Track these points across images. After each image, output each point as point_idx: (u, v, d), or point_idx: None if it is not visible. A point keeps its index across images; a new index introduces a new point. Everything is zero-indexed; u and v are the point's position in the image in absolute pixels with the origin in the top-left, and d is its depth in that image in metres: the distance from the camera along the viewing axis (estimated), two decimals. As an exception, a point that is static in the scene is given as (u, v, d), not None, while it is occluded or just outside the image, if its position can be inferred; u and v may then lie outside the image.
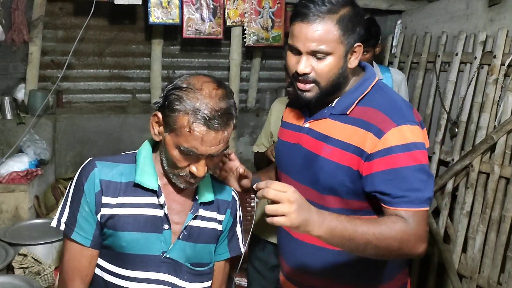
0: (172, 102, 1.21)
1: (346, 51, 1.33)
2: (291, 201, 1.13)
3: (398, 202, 1.28)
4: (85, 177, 1.29)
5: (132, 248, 1.30)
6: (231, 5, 3.31)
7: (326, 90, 1.37)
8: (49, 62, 3.49)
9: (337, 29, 1.30)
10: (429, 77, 3.41)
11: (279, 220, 1.13)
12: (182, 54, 3.81)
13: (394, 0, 3.70)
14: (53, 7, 3.39)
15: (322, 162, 1.39)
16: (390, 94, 1.43)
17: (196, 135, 1.18)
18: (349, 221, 1.22)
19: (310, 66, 1.33)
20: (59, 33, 3.46)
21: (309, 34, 1.30)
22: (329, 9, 1.29)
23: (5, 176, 2.77)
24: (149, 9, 3.10)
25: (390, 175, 1.29)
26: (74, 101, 3.67)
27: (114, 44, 3.61)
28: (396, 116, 1.32)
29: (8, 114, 3.19)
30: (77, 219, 1.29)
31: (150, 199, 1.32)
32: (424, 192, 1.29)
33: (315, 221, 1.16)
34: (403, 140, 1.29)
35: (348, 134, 1.36)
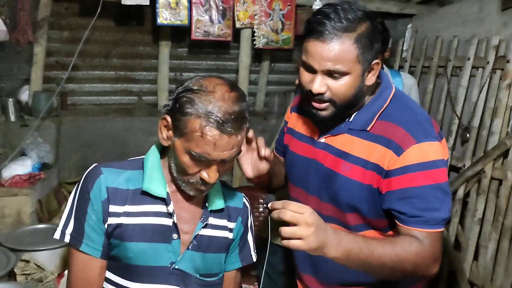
0: (183, 105, 1.14)
1: (363, 70, 1.27)
2: (309, 224, 1.08)
3: (413, 222, 1.25)
4: (90, 184, 1.23)
5: (140, 259, 1.24)
6: (240, 7, 3.25)
7: (342, 109, 1.30)
8: (54, 63, 3.44)
9: (355, 48, 1.22)
10: (440, 82, 3.36)
11: (296, 244, 1.09)
12: (190, 56, 3.76)
13: (405, 4, 3.65)
14: (59, 7, 3.35)
15: (342, 181, 1.34)
16: (410, 105, 1.37)
17: (209, 139, 1.12)
18: (365, 242, 1.19)
19: (325, 86, 1.26)
20: (64, 33, 3.42)
21: (325, 53, 1.22)
22: (347, 26, 1.21)
23: (8, 180, 2.71)
24: (157, 10, 3.05)
25: (406, 193, 1.25)
26: (79, 103, 3.61)
27: (121, 45, 3.56)
28: (416, 131, 1.27)
29: (12, 116, 3.13)
30: (85, 230, 1.22)
31: (158, 207, 1.26)
32: (440, 212, 1.25)
33: (332, 243, 1.13)
34: (422, 158, 1.25)
35: (368, 151, 1.31)
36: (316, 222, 1.10)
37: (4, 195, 2.65)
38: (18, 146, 2.96)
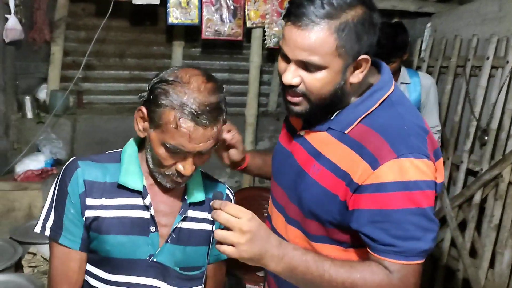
0: (157, 96, 1.12)
1: (345, 65, 1.08)
2: (243, 231, 1.00)
3: (384, 251, 1.06)
4: (68, 177, 1.22)
5: (118, 252, 1.23)
6: (251, 6, 3.24)
7: (318, 106, 1.13)
8: (71, 63, 3.51)
9: (335, 39, 1.03)
10: (458, 82, 3.25)
11: (226, 250, 1.01)
12: (203, 56, 3.78)
13: (423, 2, 3.56)
14: (76, 7, 3.42)
15: (308, 182, 1.18)
16: (401, 113, 1.15)
17: (183, 131, 1.10)
18: (316, 261, 1.06)
19: (298, 77, 1.10)
20: (81, 33, 3.49)
21: (299, 40, 1.05)
22: (328, 12, 1.02)
23: (21, 174, 2.79)
24: (168, 10, 3.08)
25: (379, 216, 1.06)
26: (95, 102, 3.68)
27: (135, 45, 3.61)
28: (399, 144, 1.07)
29: (29, 113, 3.23)
30: (63, 222, 1.22)
31: (135, 200, 1.25)
32: (420, 242, 1.06)
33: (273, 256, 1.03)
34: (401, 177, 1.04)
35: (341, 155, 1.13)
36: (253, 230, 1.00)
37: (16, 189, 2.72)
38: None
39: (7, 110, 2.96)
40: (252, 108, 3.57)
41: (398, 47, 2.56)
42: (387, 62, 2.54)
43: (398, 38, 2.56)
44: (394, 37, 2.52)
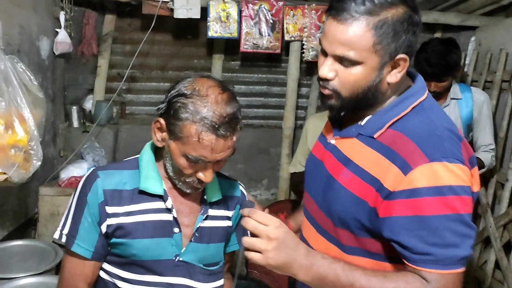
0: (177, 110, 1.16)
1: (382, 63, 1.07)
2: (270, 238, 1.00)
3: (420, 260, 1.02)
4: (88, 187, 1.26)
5: (144, 254, 1.27)
6: (290, 20, 3.28)
7: (349, 103, 1.13)
8: (116, 75, 3.65)
9: (373, 35, 1.04)
10: (503, 97, 3.15)
11: (254, 257, 1.01)
12: (242, 69, 3.84)
13: (467, 15, 3.47)
14: (122, 22, 3.57)
15: (337, 189, 1.16)
16: (434, 118, 1.12)
17: (206, 144, 1.14)
18: (345, 270, 1.04)
19: (333, 72, 1.10)
20: (126, 47, 3.62)
21: (337, 35, 1.06)
22: (368, 9, 1.03)
23: (65, 181, 2.91)
24: (208, 23, 3.15)
25: (413, 223, 1.02)
26: (136, 112, 3.80)
27: (177, 58, 3.71)
28: (432, 148, 1.04)
29: (75, 123, 3.37)
30: (79, 230, 1.26)
31: (157, 204, 1.29)
32: (459, 249, 1.01)
33: (302, 265, 1.02)
34: (435, 182, 1.01)
35: (369, 160, 1.11)
36: (280, 237, 1.00)
37: (60, 195, 2.84)
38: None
39: (55, 119, 3.10)
40: (289, 120, 3.57)
41: (450, 66, 2.44)
42: (438, 81, 2.50)
43: (450, 56, 2.43)
44: (445, 56, 2.41)
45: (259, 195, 3.97)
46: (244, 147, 3.82)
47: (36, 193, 2.80)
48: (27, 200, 2.68)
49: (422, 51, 2.46)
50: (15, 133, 1.86)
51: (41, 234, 2.83)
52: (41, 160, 1.97)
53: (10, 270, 2.18)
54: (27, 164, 1.92)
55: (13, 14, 2.31)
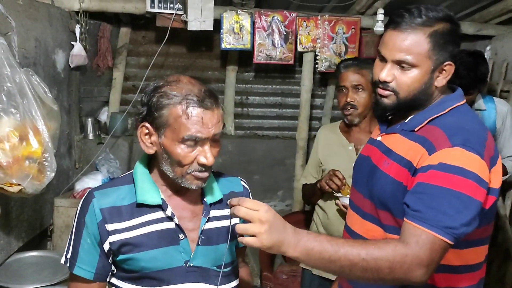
0: (158, 101, 1.19)
1: (434, 67, 1.29)
2: (262, 221, 1.08)
3: (413, 215, 1.17)
4: (85, 209, 1.26)
5: (154, 265, 1.27)
6: (303, 31, 3.28)
7: (404, 102, 1.33)
8: (131, 87, 3.70)
9: (428, 42, 1.26)
10: (521, 106, 3.08)
11: (249, 241, 1.10)
12: (256, 80, 3.85)
13: (482, 25, 3.43)
14: (137, 35, 3.62)
15: (379, 175, 1.36)
16: (467, 118, 1.32)
17: (195, 119, 1.17)
18: (329, 241, 1.14)
19: (392, 75, 1.31)
20: (141, 59, 3.67)
21: (398, 42, 1.28)
22: (424, 21, 1.26)
23: (79, 192, 2.93)
24: (222, 35, 3.18)
25: (419, 188, 1.20)
26: (151, 124, 3.82)
27: (191, 70, 3.73)
28: (456, 137, 1.22)
29: (90, 134, 3.41)
30: (79, 253, 1.26)
31: (157, 214, 1.28)
32: (450, 218, 1.13)
33: (290, 242, 1.11)
34: (449, 161, 1.18)
35: (407, 149, 1.30)
36: (270, 219, 1.09)
37: (75, 206, 2.79)
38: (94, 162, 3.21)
39: (71, 131, 3.13)
40: (303, 131, 3.56)
41: (478, 79, 2.43)
42: (465, 93, 2.45)
43: (479, 69, 2.42)
44: (475, 68, 2.39)
45: (274, 206, 3.95)
46: (259, 158, 3.82)
47: (51, 204, 2.82)
48: (42, 211, 2.71)
49: None
50: (29, 145, 1.88)
51: (56, 245, 2.85)
52: (55, 171, 1.99)
53: (25, 281, 2.19)
54: (41, 175, 1.94)
55: (29, 27, 2.35)
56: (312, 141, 3.68)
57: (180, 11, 2.96)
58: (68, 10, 2.89)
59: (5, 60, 1.87)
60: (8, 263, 2.30)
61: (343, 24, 3.29)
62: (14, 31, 2.15)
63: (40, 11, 2.52)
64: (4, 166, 1.78)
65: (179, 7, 2.95)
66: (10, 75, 1.87)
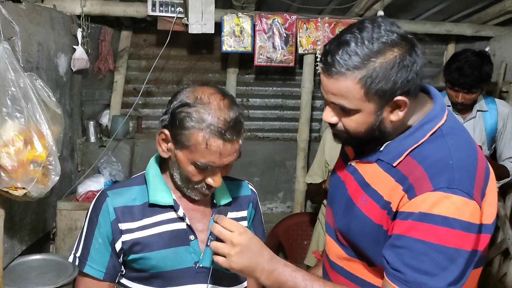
0: (182, 120, 1.17)
1: (378, 107, 1.08)
2: (234, 244, 1.07)
3: (393, 275, 1.05)
4: (98, 208, 1.28)
5: (164, 265, 1.28)
6: (303, 33, 3.30)
7: (360, 139, 1.16)
8: (132, 90, 3.71)
9: (360, 87, 1.04)
10: (520, 107, 3.10)
11: (218, 260, 1.09)
12: (256, 82, 3.87)
13: (480, 26, 3.45)
14: (138, 38, 3.64)
15: (357, 213, 1.19)
16: (451, 145, 1.10)
17: (214, 150, 1.16)
18: (305, 280, 1.09)
19: (335, 117, 1.14)
20: (142, 62, 3.69)
21: (330, 86, 1.08)
22: (354, 63, 1.03)
23: (82, 195, 2.94)
24: (223, 38, 3.19)
25: (398, 241, 1.05)
26: (153, 127, 3.85)
27: (192, 73, 3.76)
28: (439, 177, 1.03)
29: (92, 137, 3.42)
30: (90, 252, 1.27)
31: (169, 215, 1.30)
32: (433, 279, 1.00)
33: (263, 270, 1.09)
34: (430, 209, 1.01)
35: (385, 186, 1.13)
36: (243, 243, 1.07)
37: (78, 209, 2.87)
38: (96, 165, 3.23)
39: (73, 134, 3.15)
40: (303, 133, 3.58)
41: (483, 78, 2.41)
42: (468, 92, 2.47)
43: (484, 69, 2.41)
44: (480, 67, 2.38)
45: (275, 208, 3.97)
46: (260, 160, 3.84)
47: (54, 207, 2.83)
48: (45, 215, 2.72)
49: (454, 60, 2.45)
50: (34, 149, 1.89)
51: (59, 248, 2.86)
52: (59, 175, 2.00)
53: (29, 284, 2.21)
54: (45, 179, 1.95)
55: (32, 32, 2.37)
56: (313, 142, 3.73)
57: (181, 14, 2.97)
58: (70, 14, 2.91)
59: (9, 65, 1.89)
60: (12, 267, 2.31)
61: (343, 26, 3.30)
62: (17, 35, 2.17)
63: (43, 15, 2.54)
64: (9, 170, 1.80)
65: (180, 11, 2.97)
66: (14, 79, 1.88)
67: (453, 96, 2.47)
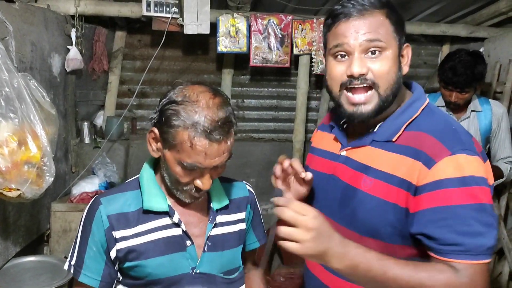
0: (169, 117, 1.14)
1: (399, 49, 1.17)
2: (309, 228, 0.99)
3: (450, 252, 1.04)
4: (92, 216, 1.25)
5: (160, 272, 1.26)
6: (299, 34, 3.30)
7: (386, 100, 1.16)
8: (126, 91, 3.69)
9: (389, 22, 1.14)
10: (514, 108, 3.13)
11: (291, 246, 1.00)
12: (252, 83, 3.86)
13: (475, 27, 3.47)
14: (133, 39, 3.62)
15: (361, 197, 1.18)
16: (445, 117, 1.20)
17: (199, 149, 1.12)
18: (379, 259, 1.04)
19: (365, 67, 1.13)
20: (136, 63, 3.67)
21: (360, 27, 1.12)
22: (373, 4, 1.14)
23: (76, 196, 2.92)
24: (218, 39, 3.18)
25: (440, 214, 1.05)
26: (147, 128, 3.80)
27: (187, 73, 3.74)
28: (451, 141, 1.09)
29: (86, 138, 3.40)
30: (85, 260, 1.25)
31: (164, 221, 1.27)
32: (485, 238, 1.03)
33: (335, 253, 1.02)
34: (458, 172, 1.05)
35: (393, 164, 1.14)
36: (318, 227, 1.00)
37: (72, 210, 2.85)
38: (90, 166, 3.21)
39: (67, 135, 3.13)
40: (299, 134, 3.58)
41: (476, 77, 2.44)
42: (461, 91, 2.48)
43: (477, 68, 2.44)
44: (473, 67, 2.42)
45: (270, 209, 3.96)
46: (255, 161, 3.82)
47: (48, 209, 2.81)
48: (39, 216, 2.70)
49: (448, 60, 2.49)
50: (28, 150, 1.87)
51: (54, 250, 2.84)
52: (54, 176, 1.98)
53: (23, 286, 2.19)
54: (40, 180, 1.94)
55: (25, 32, 2.35)
56: (308, 143, 3.71)
57: (176, 14, 2.96)
58: (63, 14, 2.89)
59: (3, 65, 1.87)
60: (6, 269, 2.29)
61: (338, 27, 3.30)
62: (11, 35, 2.15)
63: (36, 15, 2.52)
64: (3, 171, 1.78)
65: (175, 11, 2.95)
66: (8, 79, 1.86)
67: (447, 95, 2.51)
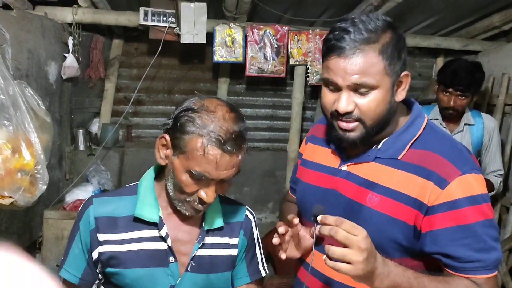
0: (184, 124, 1.13)
1: (392, 82, 1.13)
2: (362, 249, 0.98)
3: (471, 268, 1.10)
4: (82, 214, 1.25)
5: (138, 285, 1.23)
6: (294, 45, 3.33)
7: (372, 129, 1.16)
8: (122, 98, 3.70)
9: (382, 59, 1.09)
10: (507, 121, 3.16)
11: (344, 268, 0.99)
12: (247, 92, 3.88)
13: (469, 40, 3.50)
14: (129, 47, 3.63)
15: (368, 213, 1.17)
16: (446, 135, 1.24)
17: (210, 158, 1.11)
18: (416, 278, 1.07)
19: (352, 104, 1.13)
20: (133, 71, 3.68)
21: (349, 68, 1.09)
22: (368, 38, 1.09)
23: (69, 204, 2.91)
24: (214, 48, 3.20)
25: (458, 233, 1.09)
26: (143, 135, 3.83)
27: (183, 82, 3.75)
28: (460, 162, 1.13)
29: (81, 146, 3.40)
30: (68, 256, 1.26)
31: (152, 232, 1.24)
32: (497, 251, 1.11)
33: (379, 274, 1.03)
34: (470, 192, 1.10)
35: (401, 181, 1.15)
36: (369, 248, 0.99)
37: (65, 218, 2.84)
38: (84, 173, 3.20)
39: (62, 142, 3.12)
40: (294, 143, 3.59)
41: (476, 82, 2.51)
42: (461, 94, 2.52)
43: (477, 73, 2.52)
44: (473, 72, 2.49)
45: (264, 218, 3.97)
46: (250, 170, 3.83)
47: (41, 216, 2.80)
48: (32, 224, 2.69)
49: (449, 65, 2.56)
50: (22, 157, 1.88)
51: (46, 258, 2.82)
52: (47, 183, 1.99)
53: (13, 294, 2.17)
54: (33, 188, 1.94)
55: (22, 39, 2.36)
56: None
57: (173, 24, 2.98)
58: (61, 22, 2.90)
59: (-2, 72, 1.88)
60: (-3, 276, 2.28)
61: (334, 38, 3.33)
62: (7, 43, 2.16)
63: (33, 23, 2.53)
64: (-4, 178, 1.78)
65: (172, 20, 2.97)
66: (3, 87, 1.87)
67: (445, 101, 2.52)
